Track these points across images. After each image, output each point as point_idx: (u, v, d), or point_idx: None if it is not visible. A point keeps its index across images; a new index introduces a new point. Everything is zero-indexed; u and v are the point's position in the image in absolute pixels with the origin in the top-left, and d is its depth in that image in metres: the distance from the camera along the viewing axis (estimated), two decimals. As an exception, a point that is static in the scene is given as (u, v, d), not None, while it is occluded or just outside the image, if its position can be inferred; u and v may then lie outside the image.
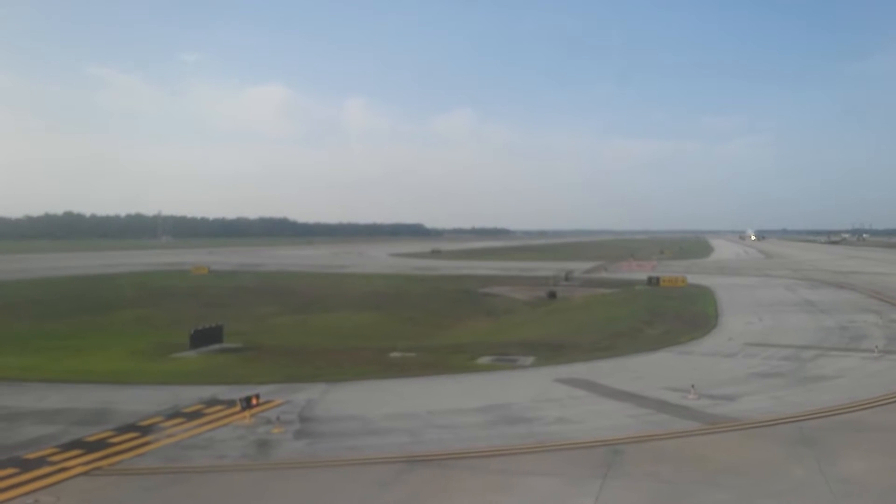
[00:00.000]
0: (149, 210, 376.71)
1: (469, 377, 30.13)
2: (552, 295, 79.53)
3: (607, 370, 30.50)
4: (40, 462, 18.44)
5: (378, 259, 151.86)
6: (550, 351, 35.83)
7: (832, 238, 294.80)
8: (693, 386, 25.15)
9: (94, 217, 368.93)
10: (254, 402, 23.31)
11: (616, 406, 23.89)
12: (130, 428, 21.99)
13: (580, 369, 30.87)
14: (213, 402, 25.56)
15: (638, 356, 34.06)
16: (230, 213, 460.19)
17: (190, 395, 26.85)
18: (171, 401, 25.83)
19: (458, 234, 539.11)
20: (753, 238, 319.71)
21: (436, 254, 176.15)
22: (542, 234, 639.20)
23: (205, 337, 38.63)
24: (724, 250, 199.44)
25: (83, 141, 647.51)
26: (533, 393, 26.14)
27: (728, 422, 21.60)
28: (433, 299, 72.79)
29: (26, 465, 18.07)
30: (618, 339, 39.24)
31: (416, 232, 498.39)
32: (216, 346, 38.95)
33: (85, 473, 17.56)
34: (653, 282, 76.53)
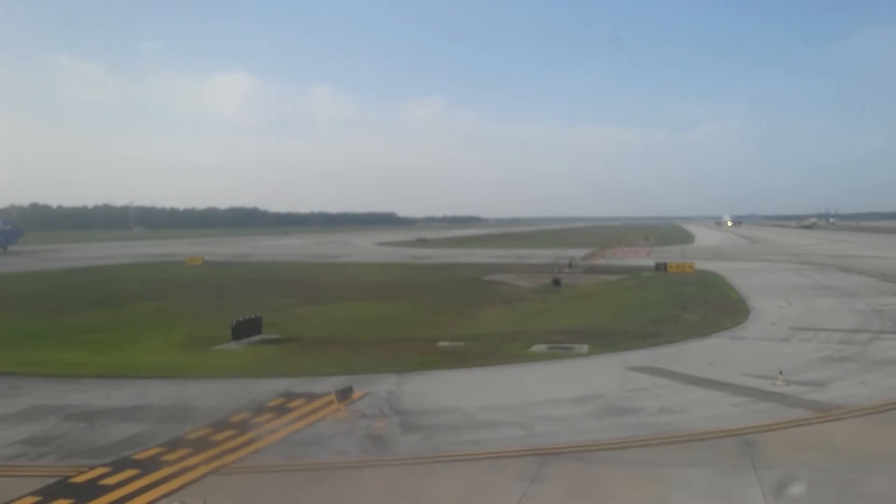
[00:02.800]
0: (116, 201, 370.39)
1: (536, 366, 29.75)
2: (556, 282, 79.22)
3: (673, 357, 30.27)
4: (156, 462, 17.72)
5: (366, 248, 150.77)
6: (599, 338, 35.56)
7: (803, 223, 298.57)
8: (781, 372, 24.94)
9: (61, 208, 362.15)
10: (355, 396, 22.72)
11: (710, 395, 23.64)
12: (224, 424, 21.35)
13: (644, 357, 30.62)
14: (290, 395, 24.88)
15: (692, 342, 33.93)
16: (199, 204, 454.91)
17: (261, 388, 26.25)
18: (244, 395, 25.19)
19: (431, 222, 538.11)
20: (730, 224, 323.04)
21: (422, 242, 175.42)
22: (515, 221, 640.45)
23: (246, 328, 37.85)
24: (705, 236, 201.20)
25: (46, 131, 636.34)
26: (615, 382, 25.83)
27: (838, 409, 21.47)
28: (443, 288, 72.19)
29: (145, 466, 17.41)
30: (660, 326, 39.08)
31: (388, 221, 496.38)
32: (256, 338, 38.26)
33: (212, 473, 16.83)
34: (660, 268, 76.66)
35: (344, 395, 22.60)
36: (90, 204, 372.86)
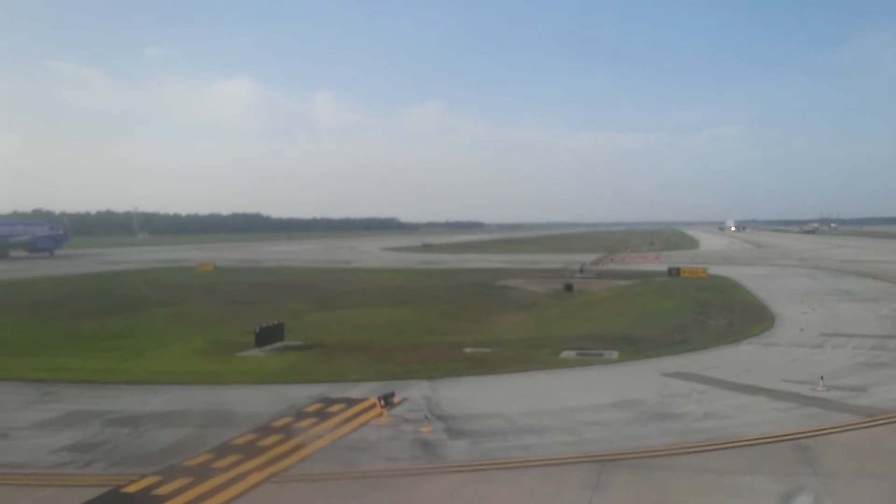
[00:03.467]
0: (119, 207, 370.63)
1: (569, 372, 29.62)
2: (569, 287, 79.25)
3: (707, 363, 30.12)
4: (207, 470, 17.57)
5: (373, 254, 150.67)
6: (626, 344, 35.40)
7: (805, 228, 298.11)
8: (822, 378, 24.79)
9: (63, 214, 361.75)
10: (395, 400, 22.58)
11: (753, 400, 23.50)
12: (268, 430, 21.23)
13: (677, 363, 30.46)
14: (328, 400, 24.75)
15: (724, 349, 33.77)
16: (202, 209, 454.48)
17: (296, 394, 26.14)
18: (281, 400, 25.11)
19: (433, 227, 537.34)
20: (733, 229, 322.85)
21: (428, 248, 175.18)
22: (517, 227, 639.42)
23: (269, 335, 37.70)
24: (710, 241, 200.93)
25: (49, 137, 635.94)
26: (653, 388, 25.67)
27: (885, 413, 21.28)
28: (456, 293, 72.12)
29: (197, 474, 17.22)
30: (687, 332, 38.90)
31: (390, 226, 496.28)
32: (279, 344, 38.09)
33: (266, 481, 16.68)
34: (673, 273, 76.51)
35: (387, 400, 22.44)
36: (93, 210, 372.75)
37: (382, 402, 22.29)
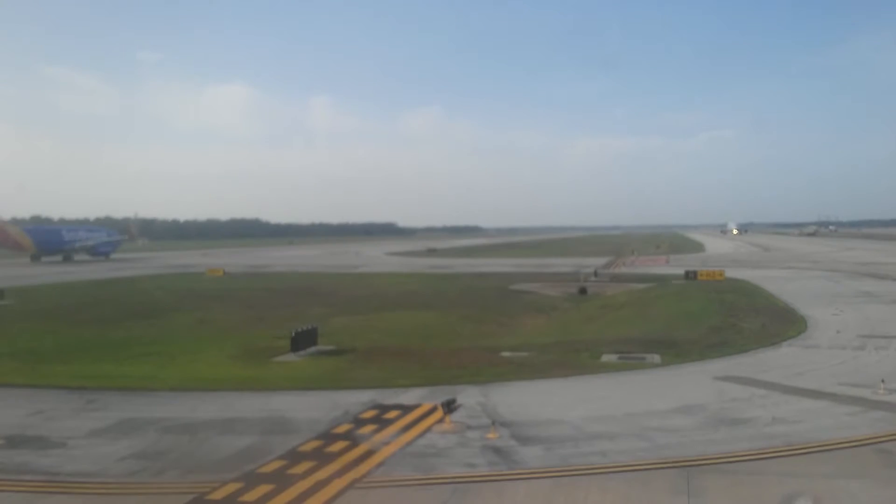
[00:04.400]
0: (117, 212, 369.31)
1: (618, 377, 29.39)
2: (583, 291, 79.07)
3: (755, 367, 29.92)
4: (285, 477, 17.29)
5: (379, 258, 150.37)
6: (665, 348, 35.13)
7: (805, 231, 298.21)
8: (883, 381, 24.58)
9: (62, 220, 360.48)
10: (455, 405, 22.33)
11: (817, 405, 23.31)
12: (332, 436, 20.99)
13: (723, 366, 30.26)
14: (382, 407, 24.50)
15: (765, 351, 33.60)
16: (200, 215, 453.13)
17: (347, 400, 25.98)
18: (334, 406, 24.92)
19: (431, 232, 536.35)
20: (735, 232, 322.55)
21: (432, 252, 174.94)
22: (514, 231, 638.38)
23: (303, 339, 37.41)
24: (715, 244, 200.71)
25: (45, 143, 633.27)
26: (710, 392, 25.45)
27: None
28: (473, 297, 71.86)
29: (278, 481, 16.95)
30: (722, 335, 38.72)
31: (389, 231, 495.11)
32: (313, 349, 37.81)
33: (349, 488, 16.40)
34: (690, 276, 76.29)
35: (449, 406, 22.16)
36: (92, 216, 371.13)
37: (445, 409, 21.90)
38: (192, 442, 20.69)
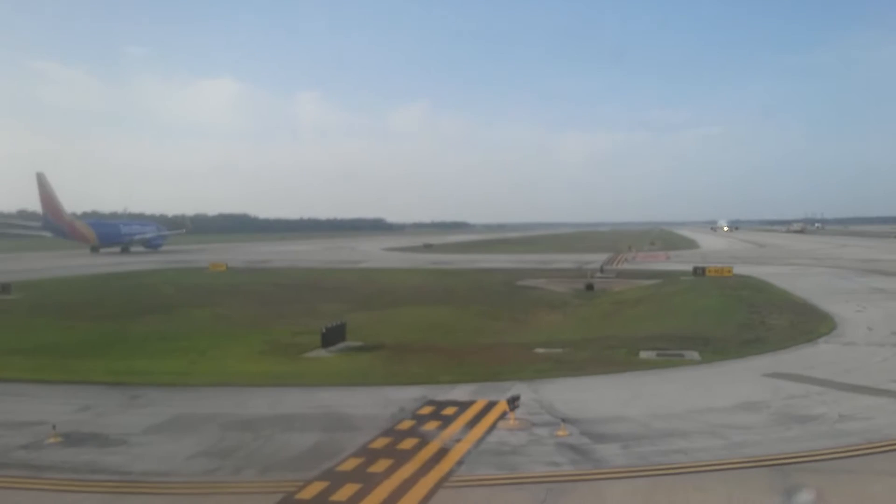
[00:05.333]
0: (103, 207, 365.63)
1: (664, 373, 29.26)
2: (590, 287, 79.06)
3: (799, 363, 29.86)
4: (368, 475, 16.96)
5: (376, 254, 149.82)
6: (699, 344, 34.99)
7: (792, 228, 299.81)
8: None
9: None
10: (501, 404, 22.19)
11: (879, 401, 23.33)
12: (397, 433, 20.76)
13: (767, 363, 30.24)
14: (436, 403, 24.27)
15: (804, 348, 33.62)
16: (188, 210, 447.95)
17: (398, 396, 25.74)
18: (387, 403, 24.69)
19: (420, 227, 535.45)
20: (726, 229, 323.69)
21: (429, 248, 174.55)
22: (502, 227, 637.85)
23: (333, 335, 37.06)
24: (709, 241, 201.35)
25: (31, 137, 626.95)
26: (765, 389, 25.37)
27: None
28: (483, 293, 71.68)
29: (363, 479, 16.67)
30: (754, 331, 38.70)
31: (377, 226, 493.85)
32: (342, 345, 37.45)
33: (438, 487, 16.08)
34: (699, 272, 76.39)
35: (513, 402, 21.85)
36: (78, 210, 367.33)
37: (510, 406, 21.62)
38: (257, 439, 20.29)
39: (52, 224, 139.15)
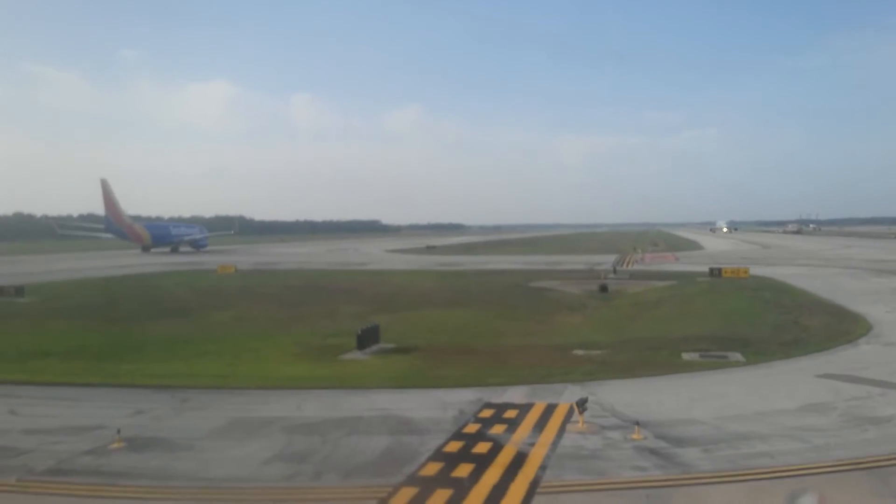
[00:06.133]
0: (100, 209, 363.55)
1: (715, 375, 29.06)
2: (604, 288, 78.53)
3: (848, 364, 29.73)
4: (454, 480, 16.65)
5: (381, 256, 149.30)
6: (739, 346, 34.75)
7: (787, 229, 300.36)
8: None
9: (45, 217, 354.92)
10: (562, 406, 21.89)
11: (948, 402, 22.82)
12: (466, 437, 20.56)
13: (817, 364, 30.09)
14: (496, 406, 23.98)
15: (846, 349, 33.55)
16: (184, 212, 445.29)
17: (452, 399, 25.63)
18: (444, 406, 24.56)
19: (416, 229, 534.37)
20: (725, 230, 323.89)
21: (432, 250, 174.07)
22: (497, 229, 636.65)
23: (368, 337, 36.68)
24: (711, 242, 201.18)
25: (26, 140, 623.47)
26: (825, 390, 25.17)
27: None
28: (498, 295, 71.22)
29: (450, 484, 16.34)
30: (790, 333, 38.54)
31: (373, 228, 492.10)
32: (375, 347, 37.06)
33: (533, 492, 15.73)
34: (714, 273, 76.14)
35: (583, 405, 21.51)
36: (75, 213, 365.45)
37: (580, 408, 21.28)
38: (325, 443, 19.95)
39: (114, 227, 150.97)
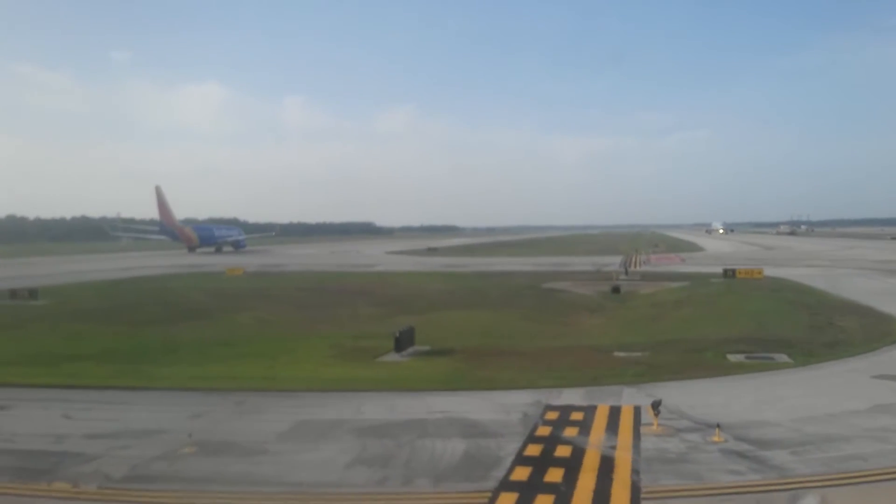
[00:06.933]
0: (92, 212, 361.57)
1: (771, 376, 28.94)
2: (616, 289, 78.38)
3: (899, 366, 29.23)
4: (550, 485, 16.28)
5: (384, 257, 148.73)
6: (782, 348, 34.54)
7: (781, 230, 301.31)
8: None
9: (38, 220, 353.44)
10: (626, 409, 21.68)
11: None
12: (542, 440, 20.27)
13: (868, 364, 30.08)
14: (560, 408, 23.70)
15: (893, 350, 33.08)
16: (178, 214, 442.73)
17: (511, 401, 25.53)
18: (503, 408, 24.46)
19: (409, 231, 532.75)
20: (721, 231, 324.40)
21: (433, 251, 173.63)
22: (490, 231, 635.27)
23: (405, 339, 36.31)
24: (710, 244, 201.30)
25: (17, 142, 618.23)
26: (889, 392, 25.05)
27: None
28: (513, 296, 70.94)
29: (548, 489, 16.03)
30: (827, 334, 38.46)
31: (367, 230, 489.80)
32: (411, 349, 36.71)
33: (637, 498, 15.37)
34: (729, 274, 76.06)
35: (657, 408, 21.18)
36: (68, 215, 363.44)
37: (655, 411, 20.96)
38: (401, 446, 19.61)
39: (167, 229, 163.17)
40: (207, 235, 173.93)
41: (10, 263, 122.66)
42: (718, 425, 20.22)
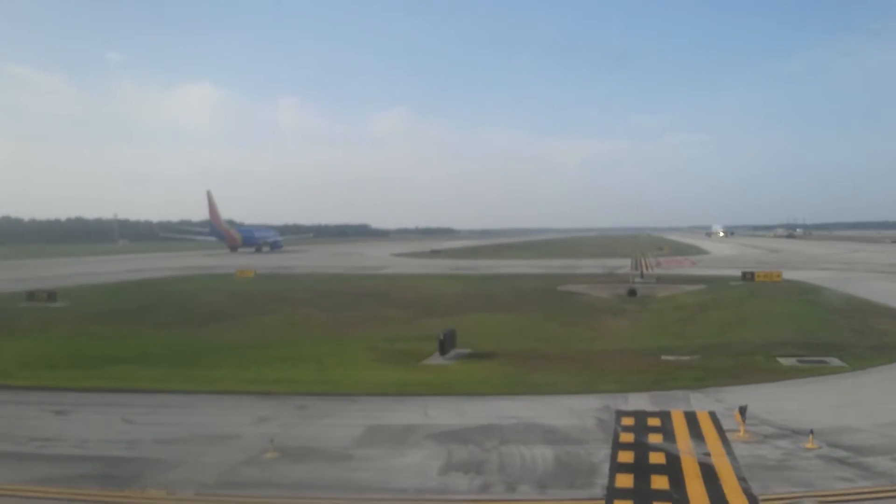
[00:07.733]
0: (87, 213, 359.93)
1: (834, 381, 28.78)
2: (632, 292, 78.29)
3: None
4: (660, 493, 16.03)
5: (391, 259, 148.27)
6: (831, 351, 34.33)
7: (778, 233, 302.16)
8: None
9: (34, 221, 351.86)
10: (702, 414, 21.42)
11: None
12: (630, 446, 19.90)
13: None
14: (634, 414, 23.35)
15: (944, 354, 32.68)
16: (172, 216, 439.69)
17: (579, 406, 24.98)
18: (574, 413, 24.06)
19: (405, 233, 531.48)
20: (721, 234, 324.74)
21: (437, 253, 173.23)
22: (486, 233, 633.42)
23: (448, 342, 35.98)
24: (713, 247, 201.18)
25: (11, 144, 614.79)
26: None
27: None
28: (532, 299, 70.68)
29: (667, 498, 15.56)
30: (871, 337, 38.29)
31: (363, 232, 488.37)
32: (453, 353, 36.35)
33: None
34: (747, 276, 75.89)
35: (743, 413, 20.83)
36: (63, 217, 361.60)
37: (742, 417, 20.62)
38: (487, 451, 19.24)
39: (216, 230, 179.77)
40: (249, 237, 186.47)
41: (14, 265, 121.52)
42: (812, 431, 19.80)
